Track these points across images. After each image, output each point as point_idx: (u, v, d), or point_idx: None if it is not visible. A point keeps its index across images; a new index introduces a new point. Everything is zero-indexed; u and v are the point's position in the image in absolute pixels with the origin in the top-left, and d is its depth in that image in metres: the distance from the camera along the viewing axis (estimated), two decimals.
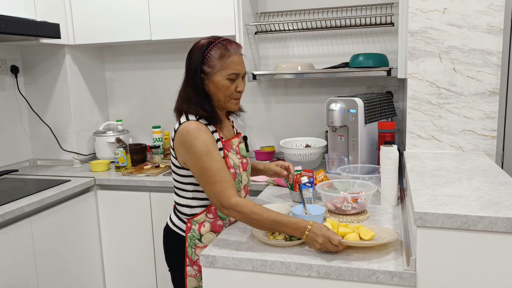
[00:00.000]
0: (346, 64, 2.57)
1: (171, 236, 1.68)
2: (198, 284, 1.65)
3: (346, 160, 2.24)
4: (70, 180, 2.55)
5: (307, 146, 2.59)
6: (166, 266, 1.75)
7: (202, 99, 1.56)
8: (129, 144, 2.88)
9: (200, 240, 1.62)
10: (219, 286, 1.40)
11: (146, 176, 2.57)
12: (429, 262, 1.22)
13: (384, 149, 1.76)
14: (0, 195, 2.27)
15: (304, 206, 1.64)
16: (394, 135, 2.16)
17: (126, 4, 2.69)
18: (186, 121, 1.55)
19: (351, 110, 2.19)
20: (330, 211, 1.69)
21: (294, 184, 1.89)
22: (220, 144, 1.59)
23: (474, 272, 1.20)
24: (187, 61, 1.59)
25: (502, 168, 2.25)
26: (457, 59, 1.92)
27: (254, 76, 2.60)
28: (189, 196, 1.63)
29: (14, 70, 2.85)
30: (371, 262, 1.28)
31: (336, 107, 2.21)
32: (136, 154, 2.83)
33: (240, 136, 1.74)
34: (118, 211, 2.63)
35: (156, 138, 2.95)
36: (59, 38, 2.53)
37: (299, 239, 1.43)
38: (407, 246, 1.33)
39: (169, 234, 1.69)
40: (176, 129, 1.57)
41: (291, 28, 2.75)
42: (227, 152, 1.60)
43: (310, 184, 1.76)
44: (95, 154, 3.02)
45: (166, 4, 2.63)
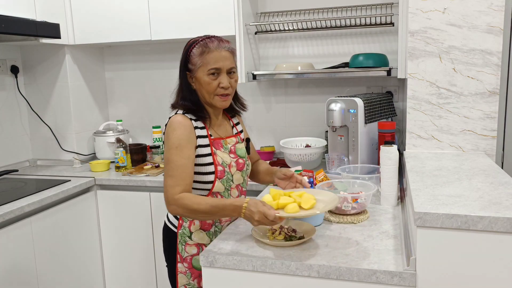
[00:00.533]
0: (346, 64, 2.57)
1: (166, 232, 1.72)
2: (188, 282, 1.66)
3: (346, 160, 2.24)
4: (70, 180, 2.55)
5: (307, 146, 2.59)
6: (166, 266, 1.76)
7: (188, 95, 1.61)
8: (129, 144, 2.88)
9: (190, 237, 1.64)
10: (219, 286, 1.40)
11: (146, 176, 2.57)
12: (429, 262, 1.22)
13: (384, 149, 1.76)
14: (0, 195, 2.27)
15: None
16: (394, 135, 2.17)
17: (126, 4, 2.69)
18: (174, 115, 1.60)
19: (351, 110, 2.19)
20: (330, 211, 1.69)
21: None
22: (206, 140, 1.60)
23: (474, 272, 1.20)
24: None
25: (502, 168, 2.25)
26: (457, 59, 1.92)
27: (254, 76, 2.60)
28: None
29: (14, 70, 2.85)
30: (371, 262, 1.28)
31: (336, 107, 2.21)
32: (136, 154, 2.84)
33: (239, 136, 1.73)
34: (118, 211, 2.63)
35: (156, 138, 2.95)
36: (59, 38, 2.53)
37: (299, 239, 1.43)
38: (407, 246, 1.34)
39: (164, 229, 1.73)
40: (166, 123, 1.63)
41: (291, 28, 2.75)
42: (215, 150, 1.61)
43: (310, 184, 1.76)
44: (95, 154, 3.02)
45: (166, 4, 2.63)
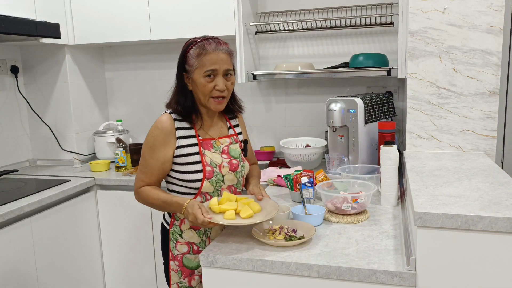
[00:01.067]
0: (346, 64, 2.56)
1: (161, 229, 1.75)
2: (180, 280, 1.67)
3: (346, 160, 2.24)
4: (70, 180, 2.55)
5: (307, 146, 2.59)
6: (166, 266, 1.76)
7: (181, 96, 1.61)
8: (129, 144, 2.87)
9: (181, 235, 1.66)
10: (219, 286, 1.40)
11: None
12: (429, 262, 1.22)
13: (384, 149, 1.76)
14: (0, 195, 2.27)
15: (304, 206, 1.65)
16: (394, 135, 2.16)
17: (126, 4, 2.69)
18: (163, 113, 1.64)
19: (351, 110, 2.19)
20: (330, 211, 1.69)
21: (294, 184, 1.89)
22: (194, 140, 1.61)
23: (474, 272, 1.20)
24: None
25: (502, 168, 2.25)
26: (457, 59, 1.92)
27: (254, 76, 2.60)
28: (172, 189, 1.68)
29: (14, 70, 2.85)
30: (371, 262, 1.28)
31: (336, 107, 2.21)
32: (136, 154, 2.83)
33: (233, 137, 1.73)
34: (118, 211, 2.63)
35: None
36: (59, 38, 2.53)
37: (299, 239, 1.43)
38: (407, 246, 1.34)
39: (161, 227, 1.76)
40: None
41: (291, 28, 2.75)
42: (203, 150, 1.61)
43: (310, 184, 1.76)
44: (95, 154, 3.02)
45: (166, 4, 2.63)
